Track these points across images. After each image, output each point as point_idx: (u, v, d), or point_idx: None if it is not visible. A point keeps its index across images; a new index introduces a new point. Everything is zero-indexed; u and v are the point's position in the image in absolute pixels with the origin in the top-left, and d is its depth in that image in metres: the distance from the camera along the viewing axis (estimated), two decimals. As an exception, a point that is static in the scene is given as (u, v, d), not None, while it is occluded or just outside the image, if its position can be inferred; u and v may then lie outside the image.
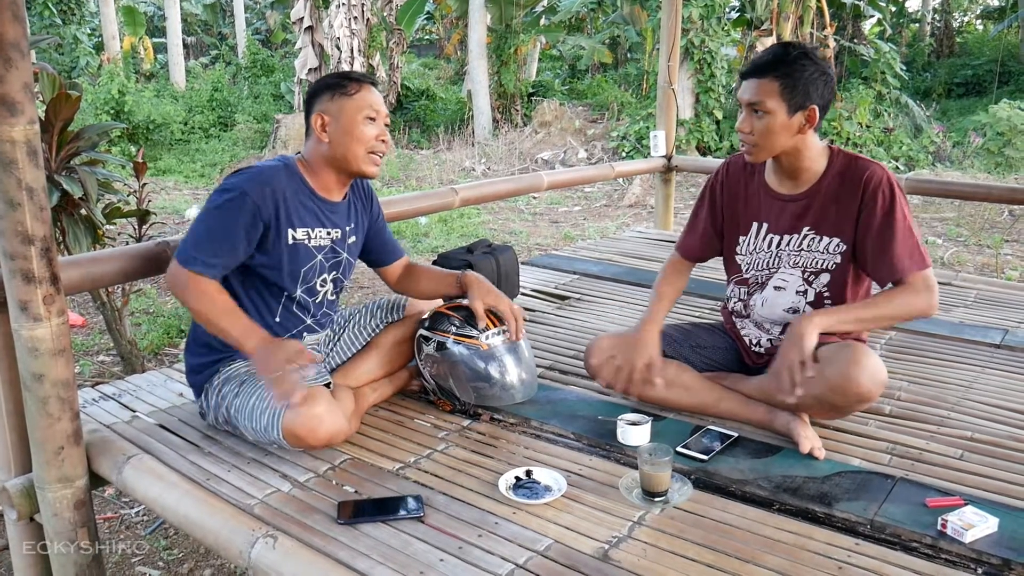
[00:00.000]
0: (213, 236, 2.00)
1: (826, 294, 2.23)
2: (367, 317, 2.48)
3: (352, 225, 2.29)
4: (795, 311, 2.26)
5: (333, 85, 2.13)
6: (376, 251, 2.45)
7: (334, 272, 2.27)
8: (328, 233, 2.20)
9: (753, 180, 2.32)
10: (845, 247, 2.17)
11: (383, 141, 2.16)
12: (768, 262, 2.29)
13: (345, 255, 2.28)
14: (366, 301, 2.55)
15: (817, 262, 2.21)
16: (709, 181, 2.44)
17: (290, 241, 2.10)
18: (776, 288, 2.28)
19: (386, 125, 2.19)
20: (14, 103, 1.67)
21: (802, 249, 2.22)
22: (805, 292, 2.25)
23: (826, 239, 2.19)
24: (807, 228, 2.21)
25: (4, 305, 1.82)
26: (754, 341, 2.35)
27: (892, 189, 2.11)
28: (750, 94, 2.11)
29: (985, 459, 2.04)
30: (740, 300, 2.38)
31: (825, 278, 2.21)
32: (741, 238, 2.33)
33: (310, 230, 2.15)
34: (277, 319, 2.21)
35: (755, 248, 2.31)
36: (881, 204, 2.10)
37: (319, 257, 2.19)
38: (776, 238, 2.26)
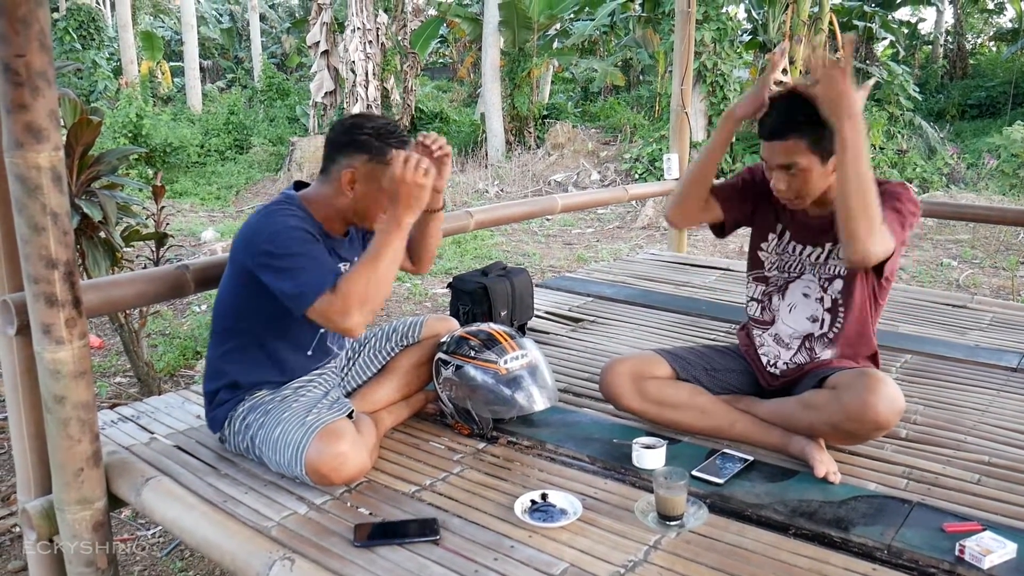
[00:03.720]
0: (307, 258, 1.96)
1: (840, 300, 2.25)
2: (382, 340, 2.49)
3: (357, 257, 2.29)
4: (815, 319, 2.28)
5: (374, 149, 2.06)
6: None
7: None
8: (341, 266, 2.21)
9: None
10: None
11: None
12: (793, 266, 2.31)
13: None
14: (381, 324, 2.56)
15: (832, 268, 2.24)
16: (749, 171, 2.44)
17: None
18: (804, 295, 2.30)
19: None
20: (40, 130, 1.70)
21: (827, 261, 2.25)
22: (822, 299, 2.26)
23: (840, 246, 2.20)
24: (829, 243, 2.24)
25: (27, 328, 1.85)
26: (772, 361, 2.35)
27: (897, 188, 2.12)
28: (780, 157, 2.10)
29: (1003, 484, 2.03)
30: (760, 303, 2.38)
31: (839, 284, 2.24)
32: (771, 235, 2.36)
33: None
34: (310, 352, 2.24)
35: (782, 250, 2.34)
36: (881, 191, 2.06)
37: None
38: (799, 247, 2.30)
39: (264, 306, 2.08)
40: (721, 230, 2.46)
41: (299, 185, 2.21)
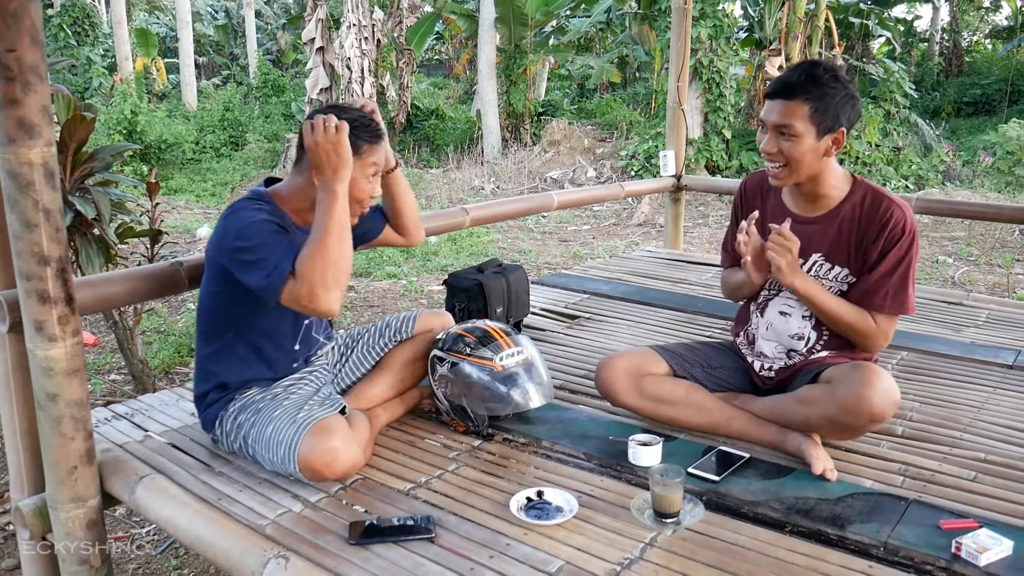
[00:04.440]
0: (272, 247, 1.93)
1: None
2: (375, 337, 2.48)
3: None
4: (801, 337, 2.26)
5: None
6: (361, 235, 2.38)
7: None
8: None
9: (770, 197, 2.32)
10: (854, 279, 2.18)
11: (373, 196, 2.17)
12: (771, 283, 2.29)
13: None
14: (375, 320, 2.55)
15: (825, 287, 2.21)
16: (733, 200, 2.45)
17: None
18: (781, 313, 2.28)
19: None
20: (32, 126, 1.69)
21: (809, 275, 2.22)
22: (810, 316, 2.24)
23: (836, 268, 2.19)
24: (817, 255, 2.20)
25: (19, 325, 1.84)
26: (766, 366, 2.35)
27: (908, 234, 2.10)
28: (778, 115, 2.07)
29: (999, 481, 2.03)
30: (742, 323, 2.38)
31: None
32: None
33: None
34: (297, 346, 2.23)
35: None
36: (891, 243, 2.10)
37: None
38: None
39: (245, 303, 2.08)
40: None
41: (270, 181, 2.20)
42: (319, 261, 1.87)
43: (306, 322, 2.24)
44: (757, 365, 2.35)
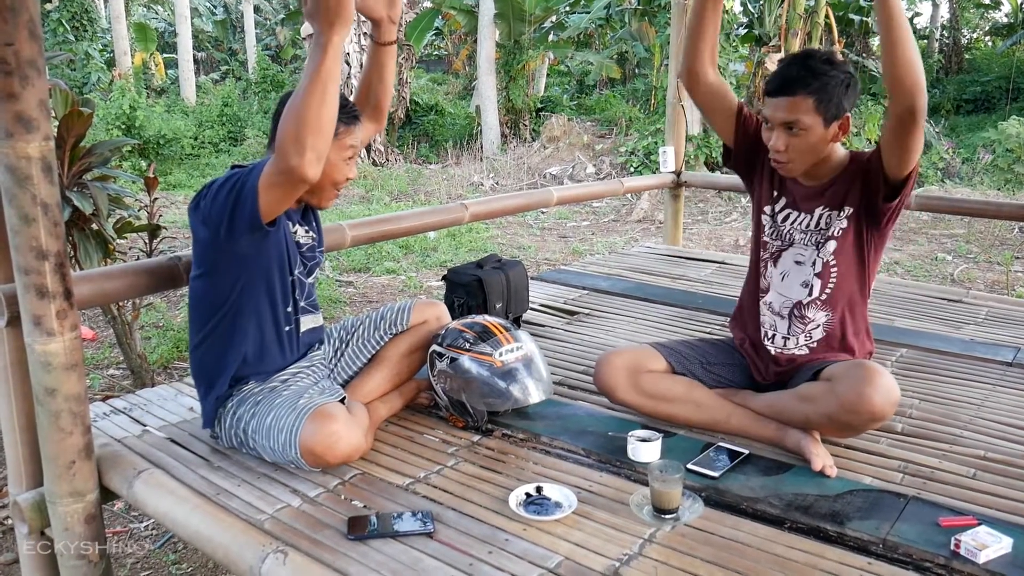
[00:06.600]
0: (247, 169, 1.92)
1: (832, 263, 2.24)
2: (371, 329, 2.47)
3: (313, 225, 2.30)
4: (806, 284, 2.27)
5: None
6: None
7: (311, 262, 2.28)
8: (307, 231, 2.23)
9: None
10: (851, 210, 2.19)
11: (349, 178, 2.14)
12: (785, 234, 2.31)
13: (318, 248, 2.31)
14: (368, 311, 2.55)
15: (825, 231, 2.23)
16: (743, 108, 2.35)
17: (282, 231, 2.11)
18: (797, 263, 2.29)
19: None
20: (30, 120, 1.68)
21: (818, 227, 2.24)
22: (814, 263, 2.25)
23: (840, 211, 2.21)
24: (821, 207, 2.24)
25: (18, 319, 1.83)
26: (769, 333, 2.34)
27: None
28: (784, 113, 2.08)
29: (998, 478, 2.03)
30: (757, 271, 2.38)
31: (832, 246, 2.22)
32: (768, 203, 2.35)
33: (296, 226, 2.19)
34: (288, 308, 2.20)
35: (774, 219, 2.33)
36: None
37: (303, 249, 2.22)
38: (793, 214, 2.29)
39: (230, 281, 2.06)
40: (729, 154, 2.40)
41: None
42: (293, 115, 1.75)
43: (290, 280, 2.18)
44: (764, 330, 2.34)
